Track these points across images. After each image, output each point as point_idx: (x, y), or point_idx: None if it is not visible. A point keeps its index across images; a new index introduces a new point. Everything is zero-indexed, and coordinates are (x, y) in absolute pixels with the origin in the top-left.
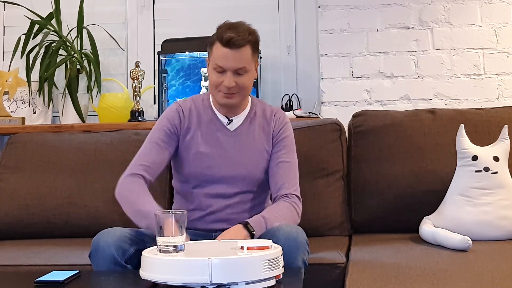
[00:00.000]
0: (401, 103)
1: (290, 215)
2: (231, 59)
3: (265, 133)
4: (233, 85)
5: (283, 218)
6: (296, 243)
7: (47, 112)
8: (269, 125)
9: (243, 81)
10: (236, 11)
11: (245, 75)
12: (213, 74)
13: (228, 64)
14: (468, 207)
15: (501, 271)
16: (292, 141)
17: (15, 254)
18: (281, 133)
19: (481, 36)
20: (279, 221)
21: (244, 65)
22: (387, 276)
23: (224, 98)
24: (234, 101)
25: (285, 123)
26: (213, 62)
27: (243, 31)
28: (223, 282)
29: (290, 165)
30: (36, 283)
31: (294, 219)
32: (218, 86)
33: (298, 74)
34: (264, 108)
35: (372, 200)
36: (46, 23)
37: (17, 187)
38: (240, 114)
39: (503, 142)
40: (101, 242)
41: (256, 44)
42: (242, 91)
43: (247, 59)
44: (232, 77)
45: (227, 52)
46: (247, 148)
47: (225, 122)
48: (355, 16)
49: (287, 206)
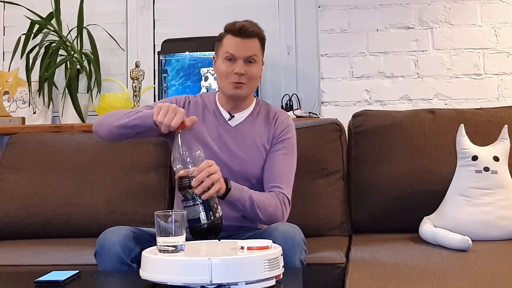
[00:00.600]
0: (401, 103)
1: (274, 207)
2: (242, 47)
3: (266, 133)
4: (243, 73)
5: (266, 205)
6: (293, 243)
7: (47, 112)
8: (270, 126)
9: (252, 71)
10: (236, 11)
11: (255, 65)
12: (223, 64)
13: (239, 52)
14: (468, 207)
15: (501, 271)
16: (293, 144)
17: (15, 254)
18: (282, 135)
19: (481, 36)
20: (261, 203)
21: (254, 53)
22: (387, 276)
23: (234, 88)
24: (242, 91)
25: (288, 125)
26: (224, 51)
27: (253, 24)
28: (223, 282)
29: (287, 165)
30: (36, 283)
31: (277, 214)
32: (228, 75)
33: (298, 74)
34: (268, 109)
35: (372, 200)
36: (46, 23)
37: (17, 187)
38: (243, 111)
39: (503, 142)
40: (106, 241)
41: (263, 40)
42: (250, 82)
43: (257, 49)
44: (243, 65)
45: (238, 40)
46: (246, 144)
47: (227, 117)
48: (355, 16)
49: (274, 199)
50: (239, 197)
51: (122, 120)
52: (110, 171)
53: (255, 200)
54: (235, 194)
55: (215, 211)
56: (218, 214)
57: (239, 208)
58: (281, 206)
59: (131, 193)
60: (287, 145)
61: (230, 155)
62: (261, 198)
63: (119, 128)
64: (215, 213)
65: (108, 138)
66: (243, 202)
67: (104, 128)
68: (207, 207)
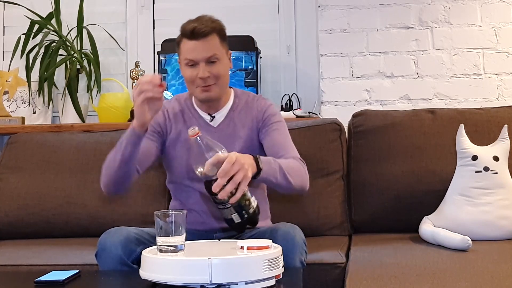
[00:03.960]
0: (401, 103)
1: (300, 170)
2: (199, 49)
3: (250, 122)
4: (207, 75)
5: (294, 171)
6: (294, 243)
7: (47, 112)
8: (253, 114)
9: (217, 69)
10: (236, 11)
11: (218, 63)
12: (186, 70)
13: (198, 55)
14: (468, 207)
15: (501, 271)
16: (280, 119)
17: (15, 254)
18: (267, 119)
19: (481, 36)
20: (290, 169)
21: (214, 53)
22: (387, 276)
23: (203, 92)
24: (213, 93)
25: (268, 106)
26: (183, 58)
27: (205, 20)
28: (223, 282)
29: (285, 135)
30: (36, 283)
31: (303, 176)
32: (193, 80)
33: (298, 74)
34: (247, 98)
35: (372, 200)
36: (46, 23)
37: (17, 187)
38: (222, 109)
39: (503, 142)
40: (107, 242)
41: (222, 32)
42: (218, 81)
43: (216, 46)
44: (205, 67)
45: (194, 43)
46: (232, 141)
47: (207, 119)
48: (355, 16)
49: (294, 162)
50: (271, 172)
51: (114, 160)
52: None
53: (284, 168)
54: (267, 170)
55: (247, 207)
56: (252, 208)
57: (272, 182)
58: (303, 167)
59: (131, 193)
60: (275, 123)
61: None
62: (287, 164)
63: (120, 169)
64: (248, 210)
65: (122, 190)
66: (275, 175)
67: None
68: (238, 208)
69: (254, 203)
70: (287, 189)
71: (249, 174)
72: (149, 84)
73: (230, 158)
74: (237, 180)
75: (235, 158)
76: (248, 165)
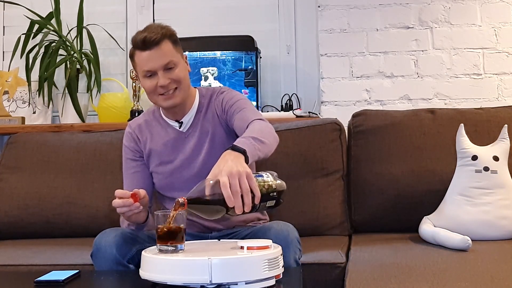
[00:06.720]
0: (401, 103)
1: (267, 127)
2: (155, 58)
3: (217, 118)
4: (168, 82)
5: (262, 132)
6: (287, 242)
7: (47, 112)
8: (217, 106)
9: (176, 74)
10: (236, 11)
11: (176, 69)
12: (146, 81)
13: (155, 64)
14: (468, 207)
15: (501, 271)
16: (238, 96)
17: (15, 254)
18: (226, 104)
19: (481, 36)
20: (263, 136)
21: (170, 59)
22: (387, 276)
23: (166, 100)
24: (177, 99)
25: (224, 95)
26: (141, 70)
27: (154, 28)
28: (223, 282)
29: (247, 108)
30: (36, 283)
31: (271, 131)
32: (155, 90)
33: (298, 74)
34: (211, 93)
35: (372, 200)
36: (46, 23)
37: (17, 187)
38: (188, 112)
39: (503, 142)
40: (102, 242)
41: (173, 37)
42: (180, 85)
43: (171, 52)
44: (164, 75)
45: (148, 54)
46: (204, 143)
47: (176, 126)
48: (355, 16)
49: (256, 123)
50: (253, 152)
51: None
52: (110, 171)
53: (258, 138)
54: (251, 152)
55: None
56: (274, 185)
57: (259, 156)
58: (265, 121)
59: None
60: (233, 105)
61: (194, 162)
62: (253, 130)
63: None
64: (273, 190)
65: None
66: (257, 150)
67: None
68: (266, 197)
69: (269, 178)
70: (269, 151)
71: (246, 169)
72: (122, 208)
73: (223, 182)
74: (246, 188)
75: (224, 173)
76: (235, 163)
